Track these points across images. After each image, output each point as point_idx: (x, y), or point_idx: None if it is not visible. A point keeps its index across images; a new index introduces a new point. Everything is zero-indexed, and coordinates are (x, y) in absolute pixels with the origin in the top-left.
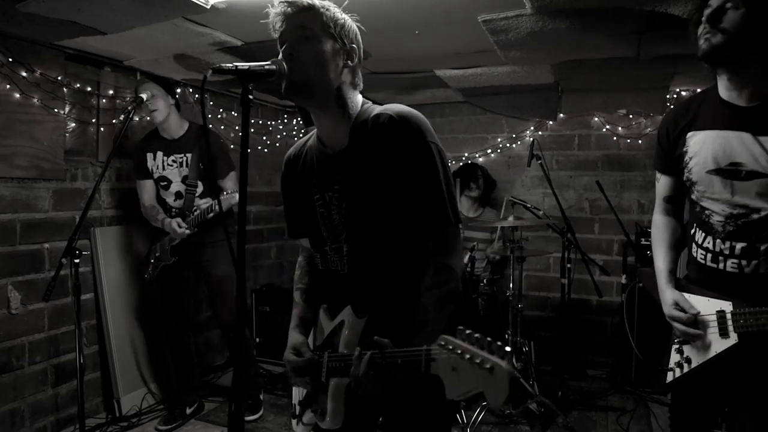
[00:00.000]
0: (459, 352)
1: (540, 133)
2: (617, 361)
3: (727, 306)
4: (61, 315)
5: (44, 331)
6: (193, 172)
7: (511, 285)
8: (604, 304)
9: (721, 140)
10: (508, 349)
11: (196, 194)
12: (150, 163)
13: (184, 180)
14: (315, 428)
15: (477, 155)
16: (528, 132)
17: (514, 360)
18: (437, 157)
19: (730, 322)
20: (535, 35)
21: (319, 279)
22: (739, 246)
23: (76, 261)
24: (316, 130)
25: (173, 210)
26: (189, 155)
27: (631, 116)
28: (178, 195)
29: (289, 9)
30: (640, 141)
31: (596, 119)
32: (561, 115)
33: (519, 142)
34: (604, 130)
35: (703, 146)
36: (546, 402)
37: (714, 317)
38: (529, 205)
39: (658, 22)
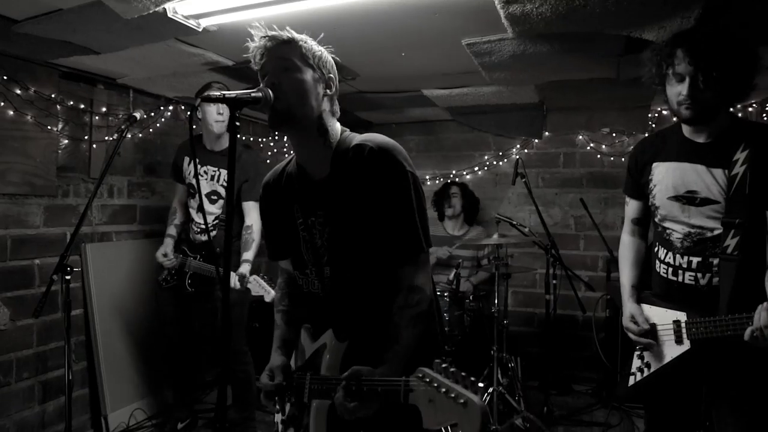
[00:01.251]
0: (435, 385)
1: (526, 151)
2: (603, 377)
3: (682, 316)
4: (50, 331)
5: (33, 348)
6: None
7: (496, 301)
8: (590, 320)
9: (680, 171)
10: (480, 384)
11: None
12: (185, 167)
13: (209, 195)
14: None
15: (464, 173)
16: (514, 150)
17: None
18: (412, 186)
19: (684, 330)
20: (517, 58)
21: (300, 301)
22: (695, 260)
23: (67, 278)
24: (295, 157)
25: (194, 222)
26: (223, 171)
27: (614, 135)
28: (199, 208)
29: (269, 43)
30: (623, 159)
31: (580, 137)
32: (546, 133)
33: (506, 160)
34: (589, 148)
35: (665, 176)
36: (531, 417)
37: (671, 326)
38: (514, 222)
39: (634, 45)
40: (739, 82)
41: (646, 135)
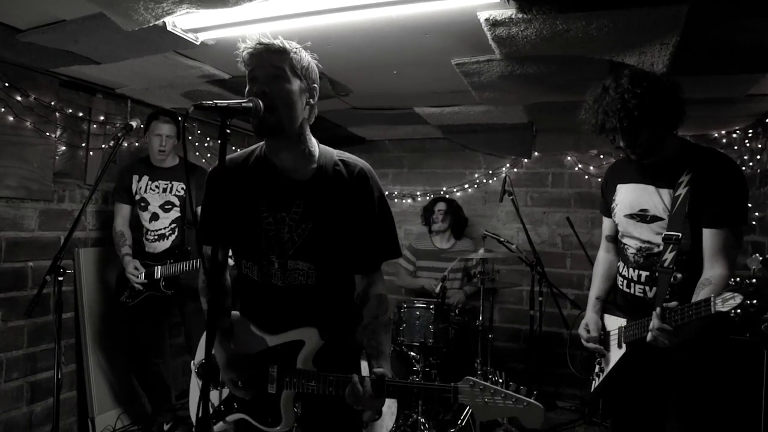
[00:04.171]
0: (492, 392)
1: (515, 170)
2: (587, 394)
3: (623, 322)
4: (41, 333)
5: (23, 348)
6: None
7: (481, 316)
8: (575, 337)
9: (636, 191)
10: (534, 393)
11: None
12: (135, 185)
13: (163, 205)
14: (237, 428)
15: (455, 190)
16: (504, 169)
17: None
18: (388, 204)
19: (622, 335)
20: (505, 78)
21: (224, 290)
22: (644, 275)
23: (60, 279)
24: (263, 150)
25: (148, 232)
26: (175, 183)
27: (601, 156)
28: (154, 216)
29: (261, 48)
30: None
31: (569, 158)
32: (535, 153)
33: (495, 178)
34: (577, 168)
35: (624, 196)
36: (513, 430)
37: (616, 332)
38: (501, 239)
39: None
40: (667, 117)
41: (618, 158)
